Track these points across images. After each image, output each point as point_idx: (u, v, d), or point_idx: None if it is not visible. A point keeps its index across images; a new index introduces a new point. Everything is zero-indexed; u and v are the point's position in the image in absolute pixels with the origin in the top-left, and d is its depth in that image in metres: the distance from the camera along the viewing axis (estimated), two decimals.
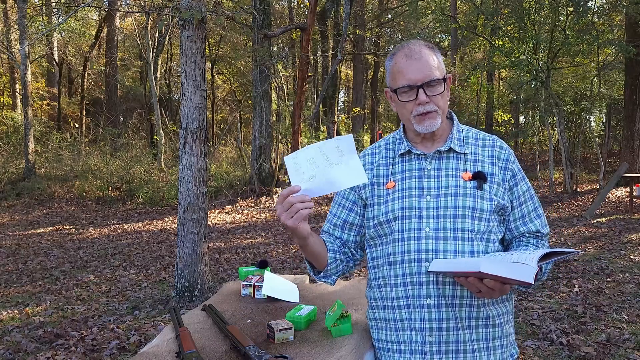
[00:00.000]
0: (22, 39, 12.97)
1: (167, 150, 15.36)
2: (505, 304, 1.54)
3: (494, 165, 1.51)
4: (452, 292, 1.45)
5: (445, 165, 1.51)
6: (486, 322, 1.48)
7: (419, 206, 1.48)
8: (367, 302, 1.77)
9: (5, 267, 6.64)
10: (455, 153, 1.52)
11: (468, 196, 1.46)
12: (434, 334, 1.46)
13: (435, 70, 1.45)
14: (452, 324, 1.45)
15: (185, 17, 4.99)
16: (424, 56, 1.45)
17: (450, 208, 1.45)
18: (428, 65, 1.44)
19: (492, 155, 1.52)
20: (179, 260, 5.08)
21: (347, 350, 1.71)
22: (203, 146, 5.11)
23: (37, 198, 12.40)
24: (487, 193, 1.47)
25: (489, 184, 1.48)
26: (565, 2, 10.97)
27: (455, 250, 1.44)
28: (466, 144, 1.54)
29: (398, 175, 1.55)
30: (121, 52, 21.37)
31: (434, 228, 1.45)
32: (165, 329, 1.93)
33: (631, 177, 9.96)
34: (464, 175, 1.48)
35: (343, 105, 26.73)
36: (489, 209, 1.46)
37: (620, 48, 10.98)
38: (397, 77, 1.48)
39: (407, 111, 1.49)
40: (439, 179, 1.50)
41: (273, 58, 12.50)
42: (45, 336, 4.16)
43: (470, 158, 1.51)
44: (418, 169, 1.53)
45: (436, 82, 1.45)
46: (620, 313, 4.35)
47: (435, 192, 1.48)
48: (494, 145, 1.54)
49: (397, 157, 1.57)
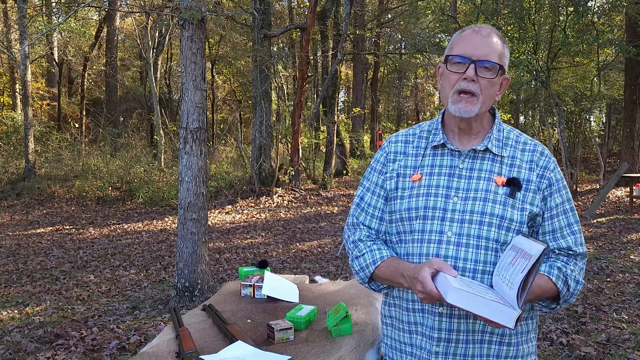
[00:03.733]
0: (22, 39, 12.97)
1: (167, 150, 15.36)
2: (527, 323, 1.44)
3: (531, 171, 1.40)
4: None
5: (479, 166, 1.41)
6: (501, 338, 1.38)
7: (444, 207, 1.38)
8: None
9: (5, 267, 6.64)
10: (492, 154, 1.42)
11: (498, 203, 1.36)
12: (442, 344, 1.38)
13: (495, 55, 1.36)
14: (463, 336, 1.37)
15: (185, 17, 4.99)
16: (491, 38, 1.37)
17: (477, 214, 1.35)
18: (491, 47, 1.36)
19: (531, 160, 1.42)
20: (179, 260, 5.08)
21: (347, 350, 1.71)
22: (203, 146, 5.11)
23: (37, 198, 12.40)
24: (520, 202, 1.37)
25: (524, 192, 1.38)
26: (565, 2, 10.96)
27: (476, 259, 1.35)
28: (505, 145, 1.43)
29: (426, 169, 1.44)
30: (121, 52, 21.37)
31: (457, 233, 1.36)
32: (165, 329, 1.93)
33: (631, 177, 9.96)
34: (497, 180, 1.38)
35: (343, 105, 26.72)
36: (519, 219, 1.36)
37: (620, 48, 10.97)
38: (455, 46, 1.39)
39: (450, 84, 1.39)
40: (470, 180, 1.39)
41: (273, 58, 12.50)
42: (45, 336, 4.16)
43: (507, 162, 1.41)
44: (449, 166, 1.42)
45: (491, 66, 1.35)
46: (620, 313, 4.35)
47: (463, 194, 1.38)
48: (534, 151, 1.43)
49: (430, 148, 1.46)
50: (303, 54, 12.19)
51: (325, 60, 16.00)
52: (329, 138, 14.64)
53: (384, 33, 22.64)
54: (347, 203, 11.79)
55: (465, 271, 1.35)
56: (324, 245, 7.63)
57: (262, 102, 11.98)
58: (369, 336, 1.87)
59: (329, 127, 14.63)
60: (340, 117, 17.87)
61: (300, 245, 7.66)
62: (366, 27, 18.67)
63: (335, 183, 14.50)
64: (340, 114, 20.19)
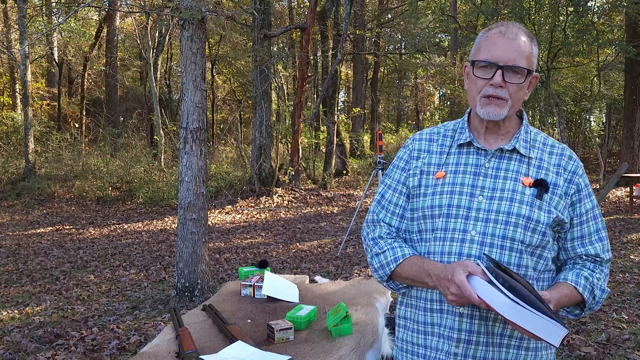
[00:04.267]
0: (22, 39, 12.97)
1: (167, 150, 15.35)
2: None
3: (559, 175, 1.37)
4: None
5: (505, 165, 1.38)
6: (519, 343, 1.36)
7: (468, 206, 1.35)
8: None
9: (5, 267, 6.64)
10: (519, 155, 1.39)
11: (525, 204, 1.33)
12: (461, 346, 1.35)
13: (523, 59, 1.33)
14: (483, 339, 1.34)
15: (185, 17, 4.99)
16: (519, 40, 1.33)
17: (503, 213, 1.32)
18: (518, 50, 1.32)
19: (559, 164, 1.39)
20: (179, 260, 5.08)
21: (347, 350, 1.71)
22: (203, 146, 5.11)
23: (37, 198, 12.40)
24: (547, 204, 1.34)
25: (551, 194, 1.35)
26: (565, 2, 10.96)
27: (500, 260, 1.32)
28: (533, 147, 1.41)
29: (451, 167, 1.42)
30: (121, 52, 21.37)
31: (481, 232, 1.33)
32: (165, 329, 1.93)
33: (631, 177, 9.96)
34: (524, 180, 1.35)
35: (343, 105, 26.72)
36: (545, 221, 1.33)
37: (620, 48, 10.97)
38: (482, 49, 1.36)
39: (477, 89, 1.36)
40: (497, 179, 1.36)
41: (273, 58, 12.50)
42: (45, 336, 4.16)
43: (534, 163, 1.38)
44: (475, 164, 1.40)
45: (519, 70, 1.32)
46: (620, 313, 4.35)
47: (489, 193, 1.35)
48: (562, 154, 1.41)
49: (455, 147, 1.44)
50: (303, 54, 12.19)
51: (325, 60, 16.00)
52: (329, 138, 14.64)
53: (384, 33, 22.64)
54: (347, 203, 11.79)
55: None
56: (324, 245, 7.63)
57: (262, 102, 11.98)
58: (369, 336, 1.87)
59: (329, 127, 14.63)
60: (340, 117, 17.87)
61: (300, 245, 7.66)
62: (366, 27, 18.67)
63: (335, 183, 14.50)
64: (340, 114, 20.19)
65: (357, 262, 6.46)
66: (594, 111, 17.48)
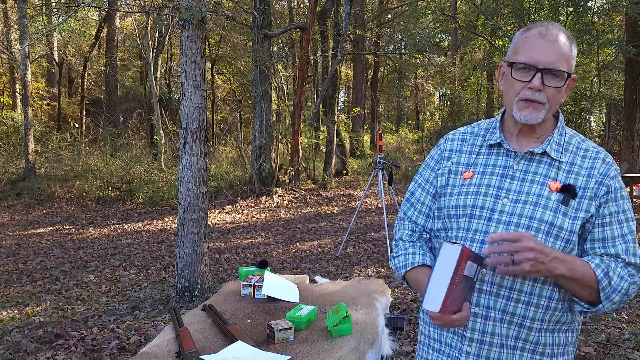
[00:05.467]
0: (22, 39, 12.96)
1: (167, 150, 15.35)
2: (567, 335, 1.38)
3: (590, 177, 1.32)
4: (504, 306, 1.32)
5: (534, 169, 1.35)
6: (535, 347, 1.34)
7: (492, 207, 1.34)
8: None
9: (5, 267, 6.64)
10: (550, 158, 1.35)
11: (549, 209, 1.29)
12: (474, 345, 1.35)
13: (563, 62, 1.29)
14: (496, 340, 1.33)
15: (185, 17, 4.99)
16: (559, 42, 1.29)
17: (526, 218, 1.30)
18: (559, 53, 1.29)
19: (591, 167, 1.34)
20: (179, 260, 5.08)
21: (347, 350, 1.71)
22: (203, 146, 5.11)
23: (37, 198, 12.40)
24: (573, 210, 1.30)
25: (579, 199, 1.31)
26: (565, 2, 10.97)
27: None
28: (565, 150, 1.36)
29: (479, 168, 1.40)
30: (121, 52, 21.36)
31: None
32: (165, 329, 1.93)
33: (631, 177, 9.96)
34: (551, 185, 1.32)
35: (343, 105, 26.72)
36: (569, 228, 1.29)
37: (620, 48, 10.98)
38: (520, 51, 1.32)
39: (514, 91, 1.33)
40: (524, 182, 1.34)
41: (273, 58, 12.50)
42: (45, 336, 4.16)
43: (564, 167, 1.34)
44: (503, 166, 1.37)
45: (559, 73, 1.29)
46: (620, 313, 4.35)
47: (514, 196, 1.33)
48: (596, 158, 1.35)
49: (485, 147, 1.43)
50: (303, 54, 12.19)
51: (325, 60, 16.00)
52: (329, 138, 14.64)
53: (384, 33, 22.65)
54: (347, 203, 11.79)
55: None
56: (324, 245, 7.63)
57: (262, 102, 11.98)
58: (369, 336, 1.87)
59: (329, 127, 14.63)
60: (340, 117, 17.87)
61: (300, 245, 7.66)
62: (366, 27, 18.67)
63: (335, 183, 14.50)
64: (340, 114, 20.19)
65: (357, 262, 6.46)
66: (594, 111, 17.48)
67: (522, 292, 1.31)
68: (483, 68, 14.68)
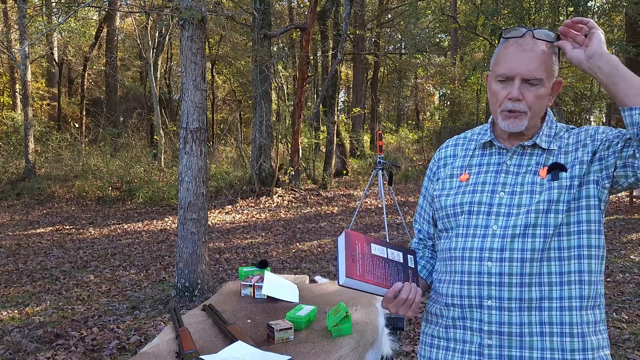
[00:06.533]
0: (22, 39, 12.97)
1: (167, 150, 15.35)
2: (594, 312, 1.36)
3: (577, 149, 1.36)
4: (519, 294, 1.32)
5: (527, 161, 1.39)
6: (561, 328, 1.32)
7: (489, 202, 1.37)
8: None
9: (5, 267, 6.64)
10: (540, 149, 1.39)
11: (544, 190, 1.33)
12: (494, 337, 1.34)
13: (541, 69, 1.31)
14: (517, 329, 1.32)
15: (185, 17, 4.99)
16: (535, 50, 1.31)
17: (524, 206, 1.33)
18: (536, 61, 1.31)
19: (577, 141, 1.38)
20: (179, 260, 5.08)
21: (347, 350, 1.71)
22: (203, 146, 5.11)
23: (37, 198, 12.40)
24: (567, 179, 1.33)
25: (570, 169, 1.34)
26: (565, 2, 10.97)
27: (523, 248, 1.31)
28: (555, 139, 1.41)
29: (474, 169, 1.45)
30: (121, 52, 21.37)
31: (503, 226, 1.34)
32: (165, 329, 1.93)
33: None
34: (541, 172, 1.36)
35: (343, 105, 26.73)
36: (565, 198, 1.32)
37: (620, 48, 10.98)
38: (500, 62, 1.36)
39: (497, 102, 1.37)
40: (517, 175, 1.38)
41: (273, 58, 12.50)
42: (45, 336, 4.16)
43: (554, 152, 1.38)
44: (497, 163, 1.42)
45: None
46: (620, 313, 4.35)
47: (510, 188, 1.37)
48: (579, 131, 1.40)
49: (478, 148, 1.47)
50: (303, 54, 12.19)
51: (325, 60, 16.00)
52: (329, 138, 14.64)
53: (384, 33, 22.64)
54: (347, 203, 11.79)
55: (513, 261, 1.32)
56: (324, 245, 7.63)
57: (262, 102, 11.98)
58: (369, 336, 1.87)
59: (329, 127, 14.63)
60: (340, 117, 17.88)
61: (300, 245, 7.66)
62: (366, 27, 18.67)
63: (335, 183, 14.50)
64: (340, 114, 20.19)
65: None
66: (594, 111, 17.47)
67: (534, 274, 1.31)
68: (483, 68, 14.67)
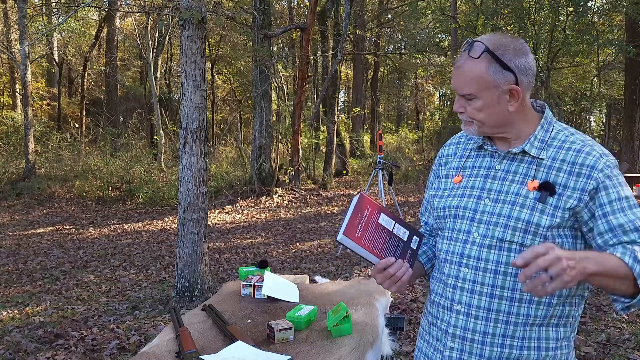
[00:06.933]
0: (22, 39, 12.97)
1: (167, 150, 15.35)
2: (558, 329, 1.37)
3: (571, 174, 1.31)
4: (488, 304, 1.34)
5: (515, 168, 1.38)
6: (522, 342, 1.35)
7: (474, 208, 1.39)
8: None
9: (5, 267, 6.64)
10: (530, 157, 1.37)
11: (526, 207, 1.31)
12: (457, 341, 1.39)
13: (471, 85, 1.34)
14: (479, 337, 1.36)
15: (185, 17, 4.99)
16: (465, 66, 1.34)
17: (504, 217, 1.33)
18: (463, 78, 1.35)
19: (574, 162, 1.31)
20: (179, 260, 5.08)
21: (347, 350, 1.71)
22: (203, 146, 5.11)
23: (37, 198, 12.40)
24: (551, 208, 1.30)
25: (558, 196, 1.30)
26: (565, 2, 10.96)
27: (497, 260, 1.33)
28: (549, 146, 1.37)
29: (467, 171, 1.47)
30: (121, 52, 21.36)
31: (482, 235, 1.36)
32: (165, 329, 1.93)
33: (631, 177, 9.95)
34: (529, 184, 1.34)
35: (343, 105, 26.72)
36: (547, 224, 1.29)
37: (620, 48, 10.98)
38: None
39: None
40: (504, 182, 1.37)
41: (273, 58, 12.50)
42: (45, 336, 4.16)
43: (545, 163, 1.34)
44: (487, 167, 1.43)
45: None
46: (620, 313, 4.35)
47: (495, 195, 1.37)
48: (580, 150, 1.32)
49: (474, 149, 1.49)
50: (303, 54, 12.20)
51: (325, 60, 15.99)
52: (329, 138, 14.64)
53: (384, 33, 22.64)
54: (347, 203, 11.79)
55: (486, 271, 1.34)
56: (324, 245, 7.63)
57: (262, 102, 11.98)
58: (369, 336, 1.87)
59: (329, 127, 14.62)
60: (340, 117, 17.88)
61: (300, 245, 7.66)
62: (366, 27, 18.67)
63: (335, 183, 14.50)
64: (340, 114, 20.19)
65: (357, 262, 6.46)
66: (594, 111, 17.49)
67: (505, 288, 1.33)
68: None
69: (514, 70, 1.32)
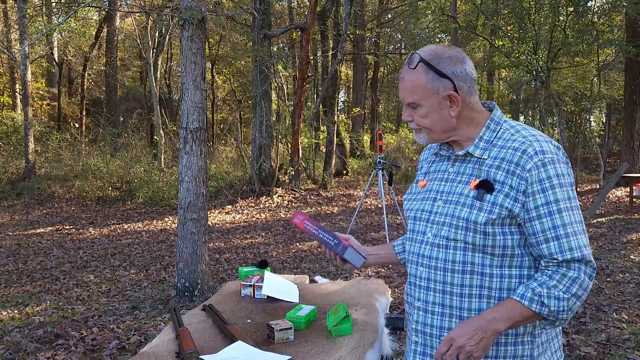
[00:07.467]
0: (22, 39, 12.97)
1: (167, 150, 15.35)
2: (520, 327, 1.40)
3: (508, 172, 1.35)
4: (441, 300, 1.42)
5: (463, 170, 1.45)
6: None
7: (430, 210, 1.48)
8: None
9: (5, 267, 6.64)
10: (475, 158, 1.43)
11: (466, 206, 1.38)
12: (420, 336, 1.49)
13: (413, 94, 1.42)
14: (437, 332, 1.44)
15: (185, 17, 4.99)
16: (406, 77, 1.43)
17: (449, 216, 1.41)
18: (405, 89, 1.44)
19: (511, 160, 1.35)
20: (179, 260, 5.08)
21: (347, 350, 1.71)
22: (203, 146, 5.11)
23: (37, 198, 12.40)
24: (489, 204, 1.34)
25: (496, 193, 1.35)
26: (565, 2, 10.96)
27: (445, 259, 1.41)
28: (493, 146, 1.41)
29: (431, 175, 1.56)
30: (121, 52, 21.36)
31: (434, 234, 1.44)
32: (165, 329, 1.93)
33: (631, 177, 9.96)
34: (472, 184, 1.40)
35: (343, 105, 26.72)
36: (482, 221, 1.33)
37: (620, 48, 10.98)
38: None
39: None
40: (453, 183, 1.45)
41: (273, 58, 12.50)
42: (45, 336, 4.16)
43: (487, 163, 1.39)
44: (443, 170, 1.51)
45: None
46: (620, 313, 4.35)
47: (445, 197, 1.45)
48: (517, 149, 1.35)
49: (437, 154, 1.57)
50: (303, 54, 12.19)
51: (325, 60, 15.99)
52: (329, 138, 14.64)
53: (384, 33, 22.64)
54: (347, 203, 11.79)
55: (437, 269, 1.43)
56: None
57: (262, 102, 11.98)
58: (369, 336, 1.87)
59: (329, 127, 14.62)
60: (340, 117, 17.87)
61: (300, 245, 7.66)
62: (366, 27, 18.66)
63: (335, 183, 14.50)
64: (340, 114, 20.19)
65: None
66: (594, 111, 17.49)
67: (454, 284, 1.41)
68: (483, 68, 14.68)
69: (451, 77, 1.39)
